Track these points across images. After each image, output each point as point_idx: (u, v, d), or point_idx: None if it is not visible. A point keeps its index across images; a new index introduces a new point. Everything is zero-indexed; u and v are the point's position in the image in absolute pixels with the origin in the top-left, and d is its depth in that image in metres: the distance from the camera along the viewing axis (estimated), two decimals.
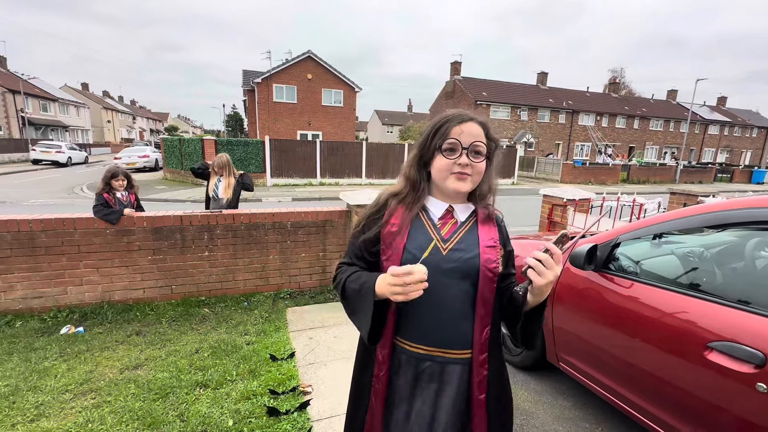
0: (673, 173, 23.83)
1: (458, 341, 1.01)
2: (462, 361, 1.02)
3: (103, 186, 3.43)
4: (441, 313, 1.00)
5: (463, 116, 1.02)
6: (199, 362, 2.67)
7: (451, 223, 1.05)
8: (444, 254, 1.00)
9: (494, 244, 1.04)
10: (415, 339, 1.03)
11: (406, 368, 1.05)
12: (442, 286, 0.98)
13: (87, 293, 3.41)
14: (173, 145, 15.48)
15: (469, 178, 1.00)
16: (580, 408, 2.39)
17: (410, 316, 1.02)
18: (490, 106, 28.08)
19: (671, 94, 39.55)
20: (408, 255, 0.99)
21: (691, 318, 1.67)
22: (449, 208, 1.06)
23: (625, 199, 4.48)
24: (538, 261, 0.88)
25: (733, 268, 2.07)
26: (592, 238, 2.29)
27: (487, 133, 1.03)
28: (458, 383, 1.02)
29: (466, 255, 1.00)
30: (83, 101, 44.14)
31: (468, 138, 0.99)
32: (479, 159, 1.00)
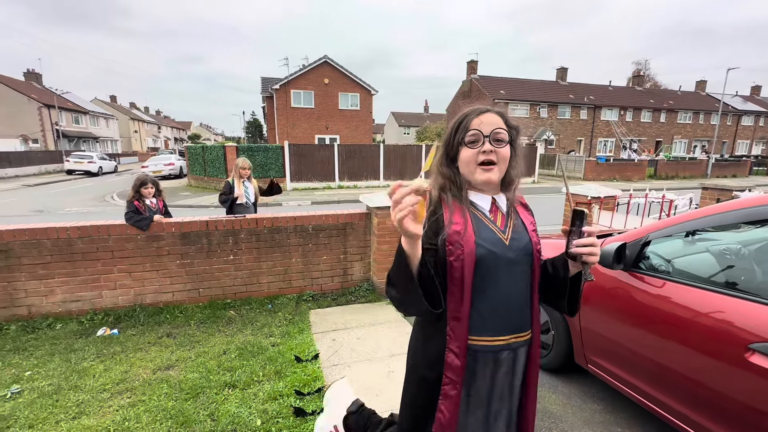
0: (704, 167, 22.81)
1: (527, 323, 1.09)
2: (527, 342, 1.10)
3: (133, 194, 3.58)
4: (513, 299, 1.05)
5: (480, 108, 1.07)
6: (227, 363, 2.74)
7: (499, 214, 1.09)
8: (507, 244, 1.04)
9: (534, 227, 1.13)
10: (493, 332, 1.04)
11: (483, 367, 1.05)
12: (510, 275, 1.04)
13: (120, 297, 3.56)
14: (196, 152, 15.96)
15: (495, 167, 1.04)
16: (611, 412, 2.32)
17: (485, 311, 1.03)
18: (508, 104, 27.63)
19: (700, 84, 37.89)
20: (481, 249, 1.00)
21: (729, 318, 1.60)
22: (493, 200, 1.10)
23: (653, 195, 4.32)
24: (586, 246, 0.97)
25: None
26: (620, 236, 2.23)
27: (507, 121, 1.08)
28: (523, 363, 1.11)
29: (522, 242, 1.06)
30: (112, 113, 46.12)
31: (488, 126, 1.03)
32: (502, 145, 1.04)
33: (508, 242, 1.05)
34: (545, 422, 2.24)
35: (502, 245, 1.03)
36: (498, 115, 1.06)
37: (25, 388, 2.45)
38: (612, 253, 1.98)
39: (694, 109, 33.21)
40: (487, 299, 1.02)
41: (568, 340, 2.49)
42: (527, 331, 1.09)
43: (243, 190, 4.17)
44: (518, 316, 1.07)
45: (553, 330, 2.59)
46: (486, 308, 1.03)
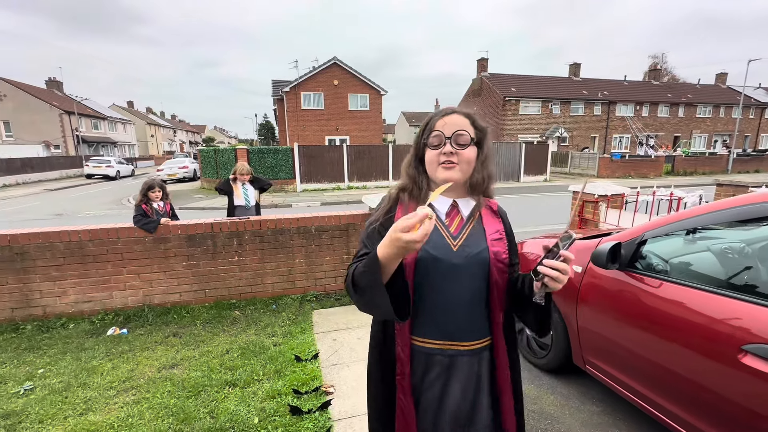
0: (724, 163, 22.09)
1: (469, 334, 1.05)
2: (470, 352, 1.06)
3: (141, 197, 3.69)
4: (452, 307, 1.03)
5: (446, 110, 1.07)
6: (229, 362, 2.80)
7: (457, 219, 1.07)
8: (455, 250, 1.03)
9: (500, 236, 1.07)
10: (427, 334, 1.05)
11: (417, 364, 1.07)
12: (453, 281, 1.02)
13: (130, 297, 3.67)
14: (209, 155, 16.27)
15: (456, 166, 1.02)
16: (610, 414, 2.28)
17: (422, 313, 1.05)
18: (519, 101, 27.34)
19: (720, 77, 36.72)
20: (422, 252, 1.01)
21: (723, 319, 1.56)
22: (453, 203, 1.09)
23: (661, 192, 4.22)
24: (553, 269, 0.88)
25: None
26: (615, 236, 2.20)
27: (474, 123, 1.06)
28: (468, 373, 1.06)
29: (475, 250, 1.03)
30: (129, 118, 47.37)
31: (451, 128, 1.03)
32: (464, 147, 1.02)
33: (457, 248, 1.02)
34: (541, 423, 2.22)
35: (448, 250, 1.02)
36: (464, 117, 1.05)
37: (37, 385, 2.56)
38: (605, 253, 1.96)
39: (714, 103, 32.20)
40: (425, 302, 1.03)
41: (567, 341, 2.46)
42: (472, 341, 1.05)
43: (242, 192, 4.34)
44: (460, 325, 1.04)
45: (552, 331, 2.57)
46: (423, 310, 1.04)
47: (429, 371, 1.06)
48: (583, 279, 2.28)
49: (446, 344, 1.05)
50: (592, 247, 2.25)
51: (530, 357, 2.84)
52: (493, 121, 28.55)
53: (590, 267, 2.24)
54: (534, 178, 18.78)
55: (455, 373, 1.05)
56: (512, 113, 27.32)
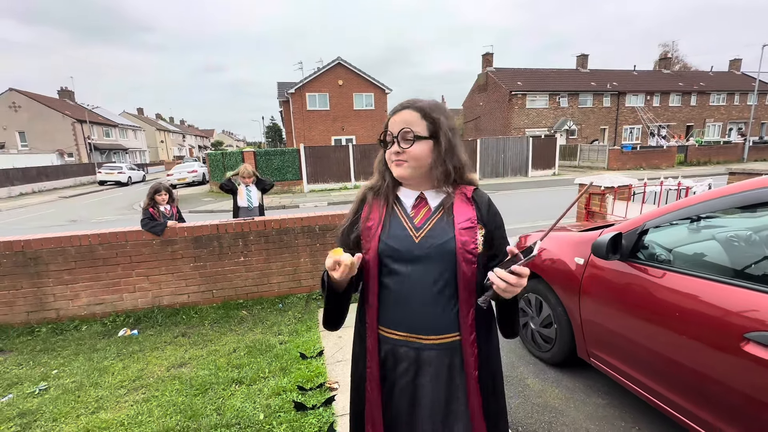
0: (740, 151, 21.55)
1: (434, 327, 1.03)
2: (437, 346, 1.04)
3: (148, 201, 3.76)
4: (415, 299, 1.02)
5: (398, 106, 1.06)
6: (236, 361, 2.85)
7: (424, 210, 1.08)
8: (417, 242, 1.03)
9: (471, 225, 1.02)
10: (392, 325, 1.07)
11: (391, 355, 1.09)
12: (415, 273, 1.02)
13: (140, 299, 3.75)
14: (217, 159, 16.47)
15: (405, 164, 1.03)
16: (616, 406, 2.26)
17: (388, 304, 1.06)
18: (526, 95, 27.04)
19: (734, 63, 35.74)
20: (382, 245, 1.04)
21: (727, 307, 1.54)
22: (421, 195, 1.09)
23: (669, 183, 4.14)
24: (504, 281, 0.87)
25: None
26: (616, 226, 2.17)
27: (425, 115, 1.03)
28: (437, 367, 1.04)
29: (439, 240, 1.01)
30: (139, 125, 48.23)
31: (397, 126, 1.02)
32: (409, 144, 1.01)
33: (419, 239, 1.02)
34: (546, 416, 2.21)
35: (409, 242, 1.03)
36: (415, 111, 1.02)
37: (51, 385, 2.63)
38: (605, 244, 1.93)
39: (728, 90, 31.39)
40: (389, 294, 1.05)
41: (571, 334, 2.44)
42: (438, 335, 1.03)
43: (245, 194, 4.44)
44: (425, 318, 1.03)
45: (556, 324, 2.55)
46: (389, 302, 1.06)
47: (398, 363, 1.07)
48: (585, 271, 2.26)
49: (411, 337, 1.05)
50: (593, 238, 2.23)
51: (535, 351, 2.82)
52: (500, 115, 28.30)
53: (592, 259, 2.22)
54: (542, 173, 18.57)
55: (423, 367, 1.05)
56: (519, 107, 27.03)
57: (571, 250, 2.43)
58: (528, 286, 2.82)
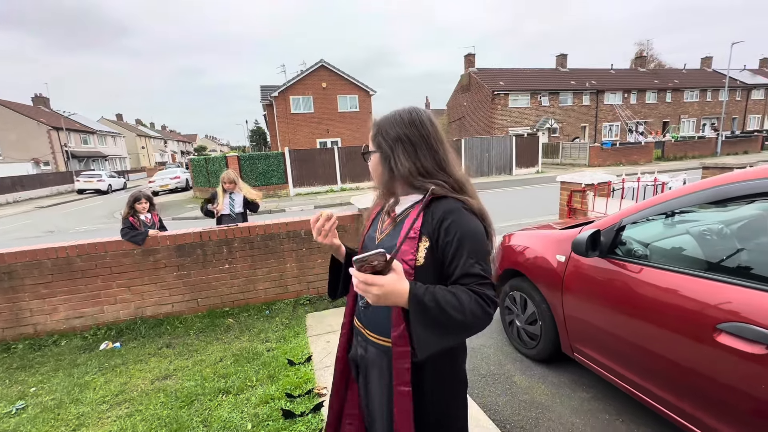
0: (713, 146, 22.31)
1: (378, 327, 1.09)
2: (377, 346, 1.09)
3: (128, 210, 3.67)
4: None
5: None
6: (222, 370, 2.81)
7: (393, 215, 1.12)
8: (376, 243, 1.11)
9: (414, 235, 0.97)
10: (356, 314, 1.19)
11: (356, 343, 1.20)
12: None
13: (122, 311, 3.66)
14: (200, 164, 16.21)
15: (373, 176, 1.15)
16: (600, 399, 2.31)
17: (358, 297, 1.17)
18: (508, 95, 27.44)
19: (706, 61, 37.06)
20: (365, 242, 1.18)
21: (700, 300, 1.59)
22: (395, 200, 1.12)
23: (646, 178, 4.26)
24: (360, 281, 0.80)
25: (753, 243, 1.95)
26: (595, 223, 2.22)
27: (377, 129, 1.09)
28: (379, 367, 1.10)
29: (387, 246, 1.03)
30: (119, 131, 47.12)
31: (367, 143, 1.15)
32: (368, 158, 1.13)
33: (378, 241, 1.11)
34: (532, 412, 2.24)
35: (373, 243, 1.13)
36: (371, 129, 1.11)
37: (29, 404, 2.54)
38: (584, 241, 1.98)
39: (700, 87, 32.49)
40: None
41: (555, 331, 2.49)
42: (381, 336, 1.06)
43: (227, 202, 4.30)
44: (371, 316, 1.10)
45: (540, 321, 2.59)
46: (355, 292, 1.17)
47: (358, 352, 1.17)
48: (567, 268, 2.31)
49: (363, 329, 1.14)
50: (574, 236, 2.27)
51: (521, 348, 2.86)
52: (483, 115, 28.64)
53: (572, 256, 2.26)
54: (526, 171, 18.86)
55: (370, 362, 1.12)
56: (502, 107, 27.41)
57: (553, 248, 2.48)
58: (513, 284, 2.86)
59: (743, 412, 1.44)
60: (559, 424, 2.14)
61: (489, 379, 2.60)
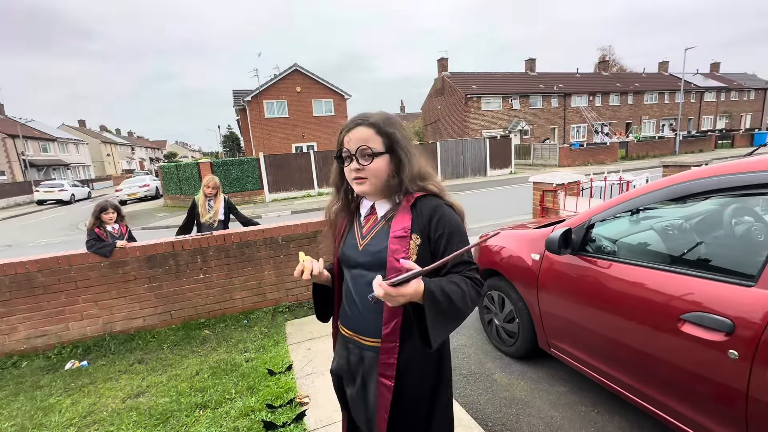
0: (672, 145, 23.60)
1: (371, 330, 1.10)
2: (374, 349, 1.10)
3: (93, 221, 3.50)
4: (358, 303, 1.11)
5: (350, 124, 1.06)
6: (199, 384, 2.71)
7: (372, 220, 1.13)
8: (360, 250, 1.10)
9: (404, 234, 1.02)
10: (343, 323, 1.18)
11: (342, 349, 1.20)
12: (358, 279, 1.10)
13: (89, 327, 3.48)
14: (170, 171, 15.67)
15: (366, 180, 1.04)
16: (576, 392, 2.39)
17: (344, 304, 1.18)
18: (481, 98, 28.07)
19: (663, 65, 39.23)
20: (340, 252, 1.17)
21: (664, 292, 1.68)
22: (373, 206, 1.14)
23: (612, 177, 4.46)
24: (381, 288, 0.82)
25: (710, 237, 2.08)
26: (566, 222, 2.31)
27: (380, 131, 1.03)
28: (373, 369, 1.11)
29: (375, 249, 1.07)
30: (81, 138, 44.92)
31: (355, 144, 1.03)
32: (368, 161, 1.02)
33: (362, 247, 1.10)
34: (513, 409, 2.29)
35: (355, 249, 1.11)
36: (369, 128, 1.03)
37: None
38: (557, 239, 2.05)
39: (659, 90, 34.33)
40: (344, 293, 1.18)
41: (532, 328, 2.55)
42: (375, 338, 1.07)
43: (207, 210, 3.98)
44: (364, 320, 1.10)
45: (518, 319, 2.66)
46: (343, 301, 1.19)
47: (351, 360, 1.17)
48: (541, 266, 2.38)
49: (355, 336, 1.14)
50: (547, 234, 2.35)
51: (500, 346, 2.92)
52: (457, 118, 29.15)
53: (546, 254, 2.34)
54: (500, 172, 19.33)
55: (366, 367, 1.12)
56: (475, 110, 28.00)
57: (528, 247, 2.55)
58: (491, 284, 2.92)
59: (706, 396, 1.53)
60: (539, 418, 2.20)
61: (470, 378, 2.64)
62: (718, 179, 1.63)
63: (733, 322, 1.40)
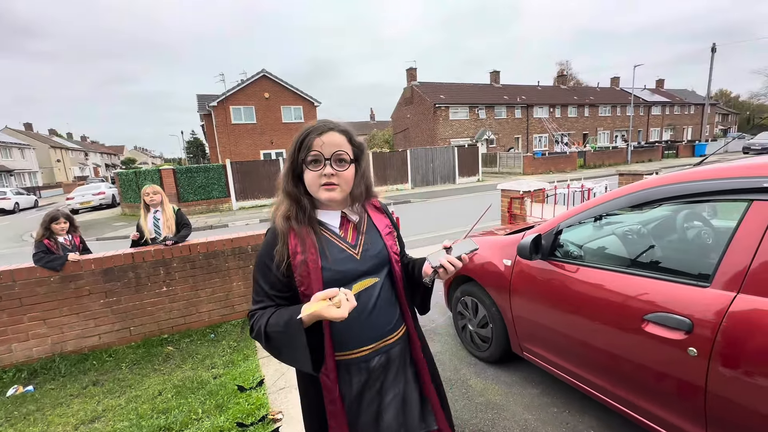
0: (624, 155, 25.20)
1: (393, 326, 1.12)
2: (399, 340, 1.13)
3: (42, 232, 3.23)
4: (374, 310, 1.07)
5: (322, 127, 1.02)
6: (162, 405, 2.54)
7: (350, 228, 1.10)
8: (359, 259, 1.05)
9: (390, 230, 1.18)
10: (359, 344, 1.06)
11: (357, 375, 1.06)
12: (369, 287, 1.04)
13: (35, 348, 3.18)
14: (129, 179, 14.85)
15: (338, 187, 1.01)
16: (548, 394, 2.45)
17: (348, 327, 1.02)
18: (449, 108, 28.78)
19: (614, 81, 42.01)
20: (328, 273, 1.00)
21: (629, 294, 1.76)
22: (342, 214, 1.10)
23: (574, 185, 4.69)
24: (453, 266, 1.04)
25: (666, 241, 2.22)
26: (536, 228, 2.39)
27: (351, 140, 1.05)
28: (399, 360, 1.13)
29: (375, 250, 1.08)
30: (27, 142, 41.69)
31: (330, 148, 0.99)
32: (343, 167, 1.01)
33: (360, 256, 1.06)
34: (489, 414, 2.32)
35: (353, 261, 1.04)
36: (342, 134, 1.02)
37: None
38: (528, 245, 2.11)
39: (611, 103, 36.69)
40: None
41: (505, 332, 2.60)
42: (397, 330, 1.14)
43: (150, 221, 3.57)
44: (381, 322, 1.09)
45: (491, 323, 2.71)
46: (343, 326, 0.99)
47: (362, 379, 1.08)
48: (513, 271, 2.44)
49: (380, 344, 1.10)
50: (518, 240, 2.42)
51: (475, 351, 2.95)
52: (426, 127, 29.70)
53: (518, 260, 2.40)
54: (468, 179, 19.83)
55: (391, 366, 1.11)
56: (443, 119, 28.66)
57: (500, 253, 2.61)
58: (464, 290, 2.96)
59: (669, 393, 1.61)
60: (514, 422, 2.23)
61: (446, 385, 2.64)
62: (671, 188, 1.75)
63: (691, 321, 1.49)
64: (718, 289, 1.45)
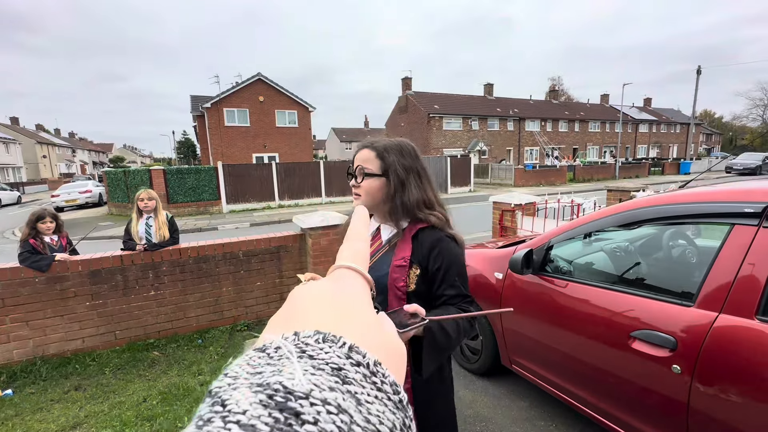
0: (612, 170, 25.74)
1: None
2: None
3: (28, 231, 3.17)
4: None
5: (360, 146, 1.16)
6: (147, 412, 2.50)
7: (377, 243, 1.14)
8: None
9: (404, 263, 1.06)
10: None
11: None
12: None
13: (15, 350, 3.10)
14: (117, 177, 14.61)
15: (360, 197, 1.11)
16: (536, 407, 2.48)
17: None
18: (443, 118, 29.11)
19: (604, 98, 43.05)
20: None
21: (616, 311, 1.81)
22: (378, 228, 1.16)
23: (565, 200, 4.78)
24: None
25: (652, 259, 2.29)
26: (527, 243, 2.43)
27: (379, 154, 1.11)
28: None
29: (377, 274, 1.08)
30: (13, 137, 40.79)
31: (357, 163, 1.13)
32: (361, 179, 1.10)
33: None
34: (477, 426, 2.33)
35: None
36: (371, 150, 1.12)
37: None
38: (520, 260, 2.15)
39: (601, 119, 37.55)
40: None
41: (494, 345, 2.63)
42: None
43: (142, 227, 3.48)
44: None
45: (481, 336, 2.73)
46: None
47: None
48: (504, 284, 2.48)
49: None
50: (509, 254, 2.46)
51: (464, 363, 2.97)
52: (419, 136, 29.95)
53: (509, 273, 2.44)
54: (460, 189, 20.00)
55: None
56: (437, 129, 28.97)
57: (491, 266, 2.65)
58: None
59: (653, 409, 1.65)
60: None
61: None
62: (657, 209, 1.81)
63: (676, 339, 1.53)
64: (702, 308, 1.50)
